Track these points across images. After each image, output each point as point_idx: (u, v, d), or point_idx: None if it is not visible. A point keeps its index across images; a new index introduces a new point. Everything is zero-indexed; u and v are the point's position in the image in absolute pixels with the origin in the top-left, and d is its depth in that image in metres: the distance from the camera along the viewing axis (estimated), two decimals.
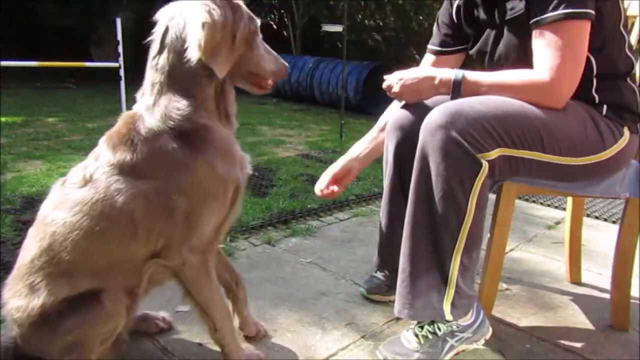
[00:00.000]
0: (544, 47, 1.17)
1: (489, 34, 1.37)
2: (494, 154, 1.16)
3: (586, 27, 1.17)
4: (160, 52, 1.05)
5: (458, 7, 1.45)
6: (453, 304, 1.21)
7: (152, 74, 1.07)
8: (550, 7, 1.15)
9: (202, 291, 1.11)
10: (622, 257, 1.45)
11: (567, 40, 1.16)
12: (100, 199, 1.01)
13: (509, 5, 1.26)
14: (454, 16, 1.47)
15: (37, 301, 1.01)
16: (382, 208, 1.53)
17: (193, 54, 1.01)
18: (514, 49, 1.30)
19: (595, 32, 1.18)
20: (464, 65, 1.43)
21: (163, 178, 1.03)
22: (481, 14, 1.38)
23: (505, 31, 1.30)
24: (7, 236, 1.90)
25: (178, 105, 1.04)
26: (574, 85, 1.19)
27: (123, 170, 1.02)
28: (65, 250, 1.01)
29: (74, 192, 1.03)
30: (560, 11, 1.14)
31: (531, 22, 1.20)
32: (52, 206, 1.06)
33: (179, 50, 1.03)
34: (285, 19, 9.22)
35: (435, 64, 1.52)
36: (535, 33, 1.20)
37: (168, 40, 1.04)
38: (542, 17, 1.17)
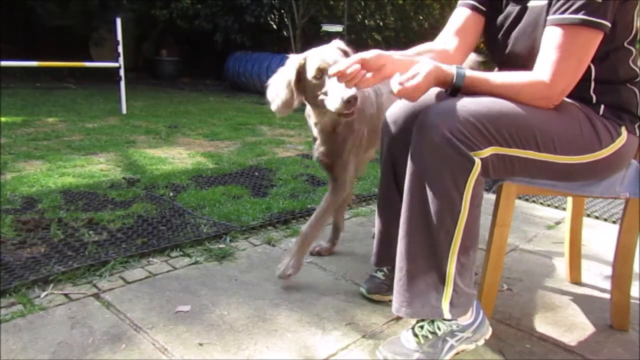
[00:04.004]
0: (552, 47, 1.17)
1: (512, 11, 1.34)
2: (487, 152, 1.16)
3: (598, 38, 1.16)
4: None
5: None
6: (452, 303, 1.20)
7: None
8: (571, 9, 1.15)
9: None
10: (622, 257, 1.45)
11: (577, 46, 1.16)
12: None
13: None
14: None
15: None
16: (377, 204, 1.54)
17: None
18: (525, 35, 1.29)
19: (603, 44, 1.18)
20: None
21: None
22: None
23: (525, 15, 1.30)
24: (7, 236, 1.89)
25: None
26: (569, 90, 1.20)
27: None
28: None
29: None
30: (579, 16, 1.14)
31: (549, 17, 1.19)
32: None
33: None
34: (285, 19, 9.19)
35: (467, 23, 1.44)
36: (548, 29, 1.19)
37: None
38: (560, 16, 1.16)
